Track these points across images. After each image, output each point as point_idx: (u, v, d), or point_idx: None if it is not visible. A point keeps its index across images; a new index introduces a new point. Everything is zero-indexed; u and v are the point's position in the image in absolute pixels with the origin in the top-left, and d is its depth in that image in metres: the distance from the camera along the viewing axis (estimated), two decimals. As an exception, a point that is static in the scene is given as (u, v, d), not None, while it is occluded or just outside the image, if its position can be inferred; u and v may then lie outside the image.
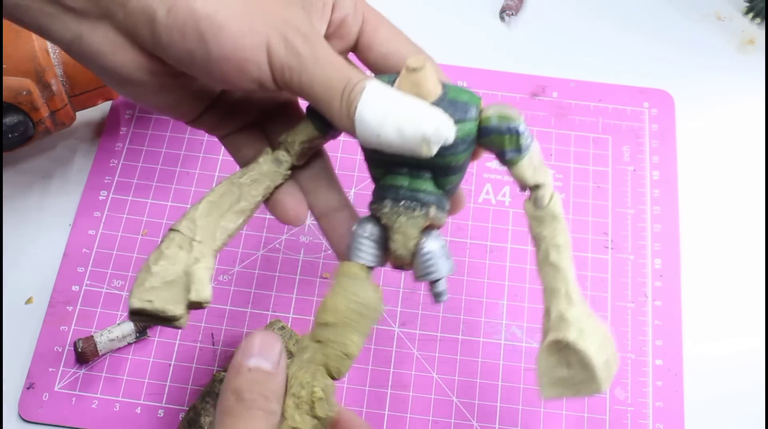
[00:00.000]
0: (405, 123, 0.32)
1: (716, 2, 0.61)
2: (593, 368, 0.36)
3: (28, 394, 0.47)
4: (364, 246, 0.37)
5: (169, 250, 0.36)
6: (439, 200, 0.36)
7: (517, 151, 0.36)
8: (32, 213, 0.53)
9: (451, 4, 0.62)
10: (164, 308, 0.35)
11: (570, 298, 0.37)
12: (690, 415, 0.47)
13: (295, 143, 0.37)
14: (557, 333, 0.36)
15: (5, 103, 0.47)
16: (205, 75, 0.35)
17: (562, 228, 0.37)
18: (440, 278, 0.37)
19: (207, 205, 0.37)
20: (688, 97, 0.57)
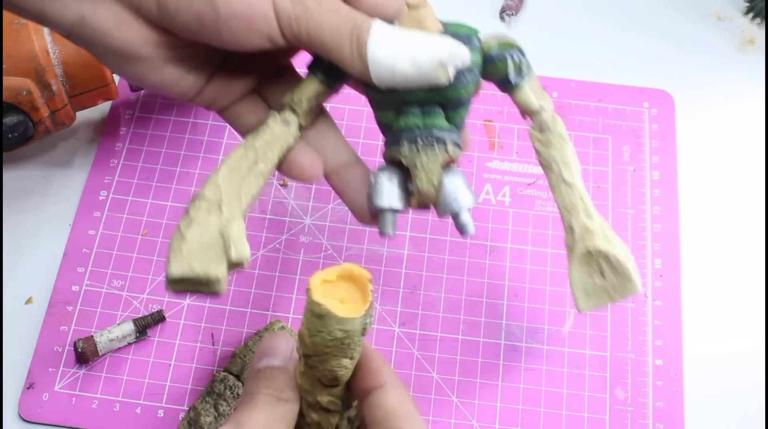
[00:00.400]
0: (419, 54, 0.33)
1: (716, 2, 0.61)
2: (628, 270, 0.38)
3: (28, 394, 0.47)
4: (386, 188, 0.38)
5: (199, 216, 0.36)
6: (453, 134, 0.37)
7: (519, 75, 0.38)
8: (32, 213, 0.53)
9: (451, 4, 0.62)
10: (206, 271, 0.35)
11: (588, 212, 0.38)
12: (690, 415, 0.47)
13: (302, 101, 0.38)
14: (586, 244, 0.38)
15: (5, 103, 0.47)
16: (215, 36, 0.35)
17: (570, 147, 0.39)
18: (465, 208, 0.38)
19: (227, 170, 0.37)
20: (688, 97, 0.57)
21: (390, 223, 0.38)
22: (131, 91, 0.55)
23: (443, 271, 0.51)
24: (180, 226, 0.36)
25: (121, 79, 0.55)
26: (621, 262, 0.38)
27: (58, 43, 0.49)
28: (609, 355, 0.49)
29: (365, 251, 0.51)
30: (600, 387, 0.48)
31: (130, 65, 0.36)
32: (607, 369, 0.48)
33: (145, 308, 0.49)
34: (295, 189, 0.53)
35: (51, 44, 0.48)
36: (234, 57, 0.38)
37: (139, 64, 0.36)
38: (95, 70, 0.50)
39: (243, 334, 0.49)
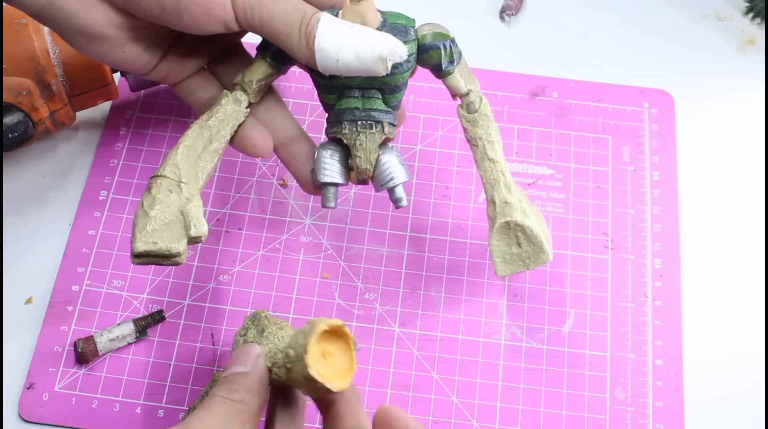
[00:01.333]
0: (361, 47, 0.37)
1: (716, 2, 0.61)
2: (540, 241, 0.43)
3: (28, 394, 0.47)
4: (329, 165, 0.42)
5: (161, 195, 0.39)
6: (389, 116, 0.41)
7: (451, 62, 0.41)
8: (32, 213, 0.53)
9: (451, 4, 0.62)
10: (168, 247, 0.39)
11: (509, 186, 0.43)
12: (690, 415, 0.47)
13: (252, 82, 0.41)
14: (505, 217, 0.42)
15: (5, 103, 0.47)
16: (175, 20, 0.38)
17: (494, 127, 0.43)
18: (399, 183, 0.42)
19: (185, 149, 0.41)
20: (688, 97, 0.57)
21: (332, 196, 0.42)
22: (131, 91, 0.55)
23: (443, 271, 0.51)
24: (143, 204, 0.39)
25: (122, 78, 0.55)
26: (535, 233, 0.42)
27: (58, 43, 0.49)
28: (609, 355, 0.49)
29: (365, 251, 0.51)
30: (600, 387, 0.48)
31: (94, 44, 0.39)
32: (607, 369, 0.48)
33: (145, 308, 0.49)
34: (295, 189, 0.53)
35: (51, 44, 0.48)
36: (187, 36, 0.41)
37: (102, 44, 0.39)
38: (95, 70, 0.50)
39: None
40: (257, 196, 0.53)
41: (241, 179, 0.54)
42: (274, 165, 0.54)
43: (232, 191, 0.53)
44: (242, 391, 0.35)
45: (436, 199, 0.53)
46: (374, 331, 0.49)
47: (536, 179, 0.54)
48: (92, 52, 0.40)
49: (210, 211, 0.53)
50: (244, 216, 0.52)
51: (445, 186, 0.54)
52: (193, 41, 0.42)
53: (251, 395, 0.35)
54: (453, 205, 0.53)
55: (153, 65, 0.42)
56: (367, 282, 0.51)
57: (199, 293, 0.50)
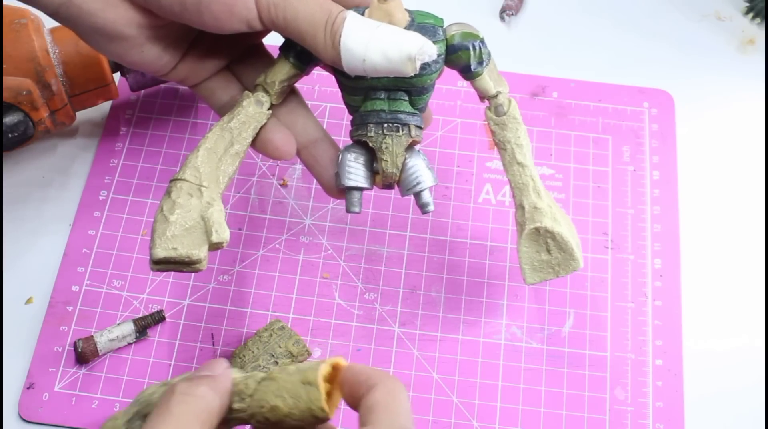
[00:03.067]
0: (389, 47, 0.36)
1: (716, 2, 0.61)
2: (571, 247, 0.42)
3: (28, 394, 0.47)
4: (354, 169, 0.41)
5: (181, 199, 0.38)
6: (416, 119, 0.40)
7: (480, 64, 0.40)
8: (32, 213, 0.53)
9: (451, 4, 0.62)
10: (189, 253, 0.37)
11: (538, 191, 0.41)
12: (690, 416, 0.47)
13: (275, 83, 0.40)
14: (534, 222, 0.41)
15: (5, 103, 0.47)
16: (197, 18, 0.37)
17: (523, 130, 0.42)
18: (426, 188, 0.41)
19: (205, 152, 0.39)
20: (688, 97, 0.57)
21: (356, 201, 0.41)
22: (131, 91, 0.55)
23: (443, 271, 0.51)
24: (163, 209, 0.38)
25: (122, 78, 0.55)
26: (565, 240, 0.41)
27: (58, 43, 0.49)
28: (609, 355, 0.49)
29: (365, 251, 0.51)
30: (600, 387, 0.48)
31: (113, 44, 0.38)
32: (607, 369, 0.48)
33: (145, 308, 0.49)
34: (295, 189, 0.53)
35: (51, 44, 0.48)
36: (206, 36, 0.40)
37: (121, 43, 0.38)
38: (95, 70, 0.50)
39: (243, 334, 0.49)
40: (257, 196, 0.53)
41: (241, 179, 0.54)
42: (274, 165, 0.54)
43: (232, 191, 0.53)
44: (203, 387, 0.31)
45: (436, 199, 0.53)
46: (374, 331, 0.49)
47: (536, 179, 0.54)
48: (111, 52, 0.39)
49: (210, 211, 0.53)
50: (244, 216, 0.52)
51: (445, 186, 0.54)
52: (214, 41, 0.41)
53: (213, 392, 0.31)
54: (453, 205, 0.53)
55: (172, 66, 0.41)
56: (367, 282, 0.51)
57: (199, 293, 0.50)
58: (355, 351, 0.49)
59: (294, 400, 0.31)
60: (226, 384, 0.33)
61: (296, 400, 0.31)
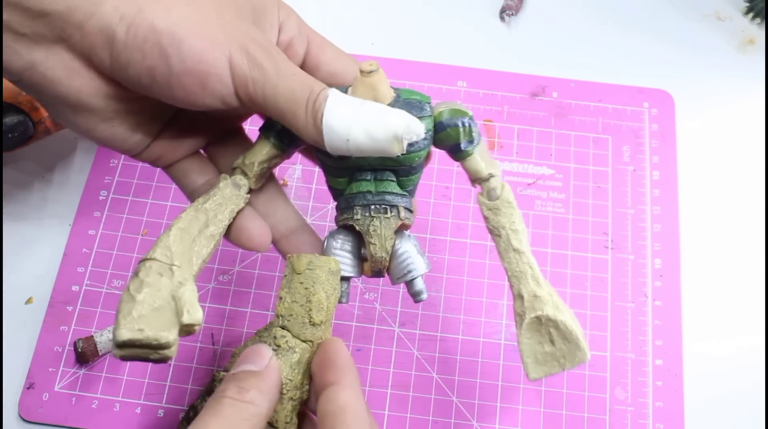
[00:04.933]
0: (373, 125, 0.33)
1: (716, 2, 0.61)
2: (576, 337, 0.38)
3: (28, 394, 0.47)
4: (341, 257, 0.38)
5: (150, 278, 0.34)
6: (405, 200, 0.38)
7: (470, 142, 0.38)
8: (32, 213, 0.53)
9: (451, 4, 0.62)
10: (157, 335, 0.33)
11: (537, 279, 0.39)
12: (690, 415, 0.47)
13: (254, 165, 0.37)
14: (535, 311, 0.38)
15: (5, 103, 0.47)
16: (167, 93, 0.34)
17: (518, 214, 0.39)
18: (419, 276, 0.38)
19: (178, 232, 0.36)
20: (688, 97, 0.57)
21: (344, 291, 0.39)
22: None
23: (443, 271, 0.51)
24: (129, 289, 0.34)
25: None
26: (570, 329, 0.38)
27: (58, 43, 0.49)
28: (609, 355, 0.49)
29: (365, 251, 0.51)
30: (600, 387, 0.48)
31: (79, 116, 0.35)
32: (607, 369, 0.48)
33: (145, 308, 0.49)
34: (295, 189, 0.53)
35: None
36: (183, 115, 0.38)
37: (87, 116, 0.35)
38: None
39: (243, 334, 0.49)
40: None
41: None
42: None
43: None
44: (252, 391, 0.33)
45: (436, 199, 0.53)
46: (374, 331, 0.49)
47: (536, 179, 0.54)
48: (77, 125, 0.36)
49: (210, 211, 0.53)
50: (244, 216, 0.52)
51: (445, 186, 0.54)
52: (190, 121, 0.38)
53: (262, 396, 0.33)
54: (453, 205, 0.53)
55: (145, 145, 0.38)
56: (367, 282, 0.51)
57: (199, 293, 0.50)
58: (355, 351, 0.49)
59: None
60: (274, 380, 0.34)
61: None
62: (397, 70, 0.57)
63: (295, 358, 0.36)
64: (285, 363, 0.35)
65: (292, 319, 0.37)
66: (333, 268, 0.37)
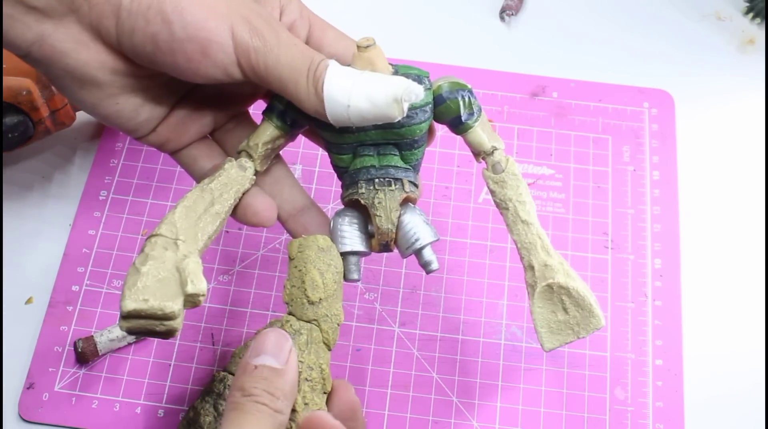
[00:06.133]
0: (374, 90, 0.34)
1: (716, 2, 0.61)
2: (590, 303, 0.38)
3: (28, 394, 0.47)
4: (348, 232, 0.38)
5: (155, 252, 0.35)
6: (409, 174, 0.38)
7: (471, 115, 0.38)
8: (32, 213, 0.53)
9: (451, 4, 0.62)
10: (162, 305, 0.34)
11: (547, 249, 0.39)
12: (690, 415, 0.47)
13: (258, 146, 0.38)
14: (546, 279, 0.38)
15: (5, 103, 0.47)
16: (169, 61, 0.35)
17: (524, 186, 0.39)
18: (426, 245, 0.38)
19: (183, 209, 0.37)
20: (688, 97, 0.57)
21: (354, 267, 0.39)
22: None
23: (443, 271, 0.51)
24: (135, 263, 0.35)
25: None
26: (582, 295, 0.38)
27: (58, 43, 0.49)
28: (609, 355, 0.49)
29: (365, 251, 0.51)
30: (600, 387, 0.48)
31: (85, 90, 0.36)
32: (607, 369, 0.48)
33: (145, 308, 0.49)
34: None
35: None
36: (190, 99, 0.38)
37: (94, 90, 0.36)
38: (95, 70, 0.50)
39: (243, 334, 0.49)
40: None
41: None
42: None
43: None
44: (281, 399, 0.33)
45: (436, 199, 0.53)
46: (374, 331, 0.49)
47: (536, 179, 0.54)
48: (82, 101, 0.36)
49: (210, 211, 0.53)
50: (244, 216, 0.52)
51: (445, 186, 0.54)
52: (198, 106, 0.39)
53: (287, 402, 0.34)
54: (453, 205, 0.53)
55: (152, 127, 0.38)
56: (367, 282, 0.51)
57: (199, 293, 0.50)
58: (355, 351, 0.49)
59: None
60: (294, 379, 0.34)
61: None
62: (397, 70, 0.57)
63: (303, 339, 0.37)
64: (294, 345, 0.36)
65: (294, 304, 0.38)
66: (322, 245, 0.38)
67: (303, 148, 0.55)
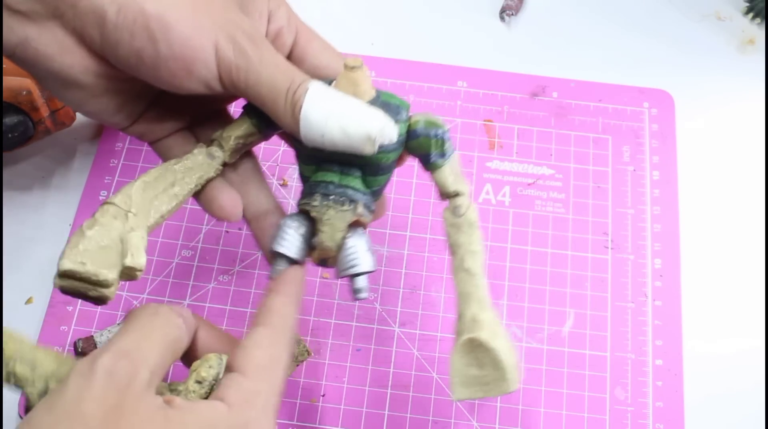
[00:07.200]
0: (349, 123, 0.34)
1: (716, 2, 0.61)
2: (504, 367, 0.38)
3: (28, 394, 0.47)
4: (290, 236, 0.38)
5: (104, 219, 0.36)
6: (366, 198, 0.38)
7: (440, 156, 0.38)
8: (32, 213, 0.53)
9: (451, 4, 0.62)
10: (97, 271, 0.35)
11: (481, 303, 0.39)
12: (690, 415, 0.47)
13: (230, 138, 0.38)
14: (471, 333, 0.38)
15: (5, 103, 0.47)
16: (153, 75, 0.35)
17: (477, 236, 0.39)
18: (363, 273, 0.38)
19: (142, 184, 0.37)
20: (688, 97, 0.58)
21: (279, 270, 0.39)
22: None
23: (443, 271, 0.51)
24: (83, 226, 0.36)
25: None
26: (500, 358, 0.38)
27: (58, 43, 0.49)
28: (609, 355, 0.49)
29: (365, 251, 0.51)
30: (600, 387, 0.48)
31: (69, 91, 0.36)
32: (607, 369, 0.48)
33: (145, 308, 0.49)
34: (295, 189, 0.53)
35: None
36: (169, 95, 0.38)
37: (77, 91, 0.36)
38: (95, 70, 0.50)
39: (243, 334, 0.49)
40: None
41: (241, 179, 0.53)
42: (274, 165, 0.54)
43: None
44: (180, 319, 0.36)
45: (436, 199, 0.53)
46: (374, 331, 0.49)
47: (536, 179, 0.54)
48: (67, 99, 0.37)
49: (210, 211, 0.53)
50: (244, 216, 0.52)
51: (445, 186, 0.54)
52: (176, 101, 0.39)
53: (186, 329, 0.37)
54: (453, 205, 0.53)
55: (130, 122, 0.39)
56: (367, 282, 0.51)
57: (199, 293, 0.50)
58: (355, 351, 0.49)
59: None
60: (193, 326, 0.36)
61: None
62: (397, 70, 0.57)
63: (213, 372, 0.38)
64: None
65: None
66: None
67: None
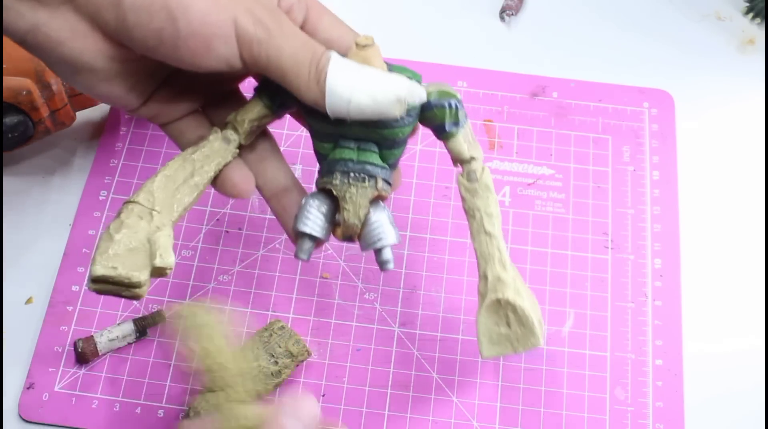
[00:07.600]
0: (377, 87, 0.34)
1: (716, 2, 0.61)
2: (531, 323, 0.40)
3: (28, 394, 0.47)
4: (313, 215, 0.39)
5: (130, 220, 0.37)
6: (385, 172, 0.39)
7: (455, 125, 0.39)
8: (32, 213, 0.53)
9: (451, 4, 0.62)
10: (129, 274, 0.36)
11: (504, 263, 0.40)
12: (690, 415, 0.47)
13: (244, 121, 0.39)
14: (496, 293, 0.40)
15: (5, 103, 0.47)
16: (172, 54, 0.35)
17: (494, 199, 0.40)
18: (388, 245, 0.39)
19: (163, 178, 0.38)
20: (688, 97, 0.57)
21: (307, 249, 0.39)
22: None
23: (443, 271, 0.51)
24: (110, 228, 0.37)
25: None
26: (526, 314, 0.40)
27: (58, 43, 0.49)
28: (609, 355, 0.49)
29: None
30: (600, 387, 0.48)
31: (80, 75, 0.36)
32: (607, 369, 0.48)
33: (145, 308, 0.49)
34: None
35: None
36: (181, 75, 0.38)
37: (88, 75, 0.36)
38: (95, 70, 0.50)
39: (243, 334, 0.49)
40: (257, 196, 0.53)
41: (241, 179, 0.53)
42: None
43: (232, 191, 0.53)
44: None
45: (436, 199, 0.53)
46: (374, 331, 0.49)
47: (536, 179, 0.54)
48: (77, 83, 0.37)
49: (210, 211, 0.53)
50: (244, 216, 0.52)
51: (445, 186, 0.54)
52: (188, 81, 0.39)
53: None
54: (453, 205, 0.53)
55: (141, 102, 0.39)
56: (367, 282, 0.51)
57: (199, 293, 0.50)
58: (355, 351, 0.49)
59: None
60: None
61: None
62: (397, 70, 0.57)
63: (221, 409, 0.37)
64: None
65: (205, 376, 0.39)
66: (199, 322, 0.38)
67: (303, 148, 0.55)
